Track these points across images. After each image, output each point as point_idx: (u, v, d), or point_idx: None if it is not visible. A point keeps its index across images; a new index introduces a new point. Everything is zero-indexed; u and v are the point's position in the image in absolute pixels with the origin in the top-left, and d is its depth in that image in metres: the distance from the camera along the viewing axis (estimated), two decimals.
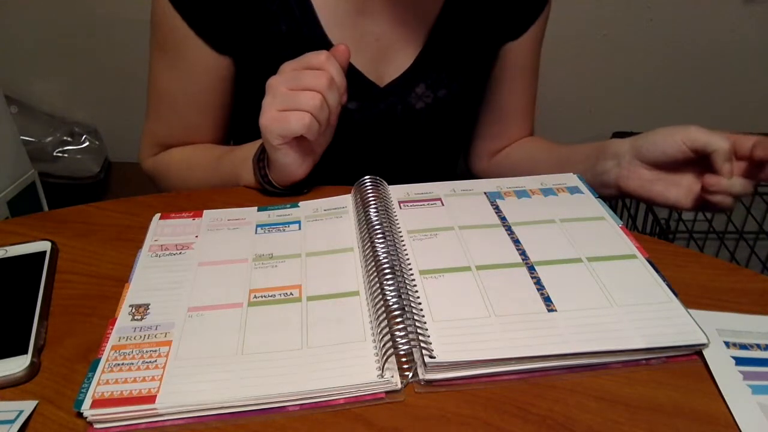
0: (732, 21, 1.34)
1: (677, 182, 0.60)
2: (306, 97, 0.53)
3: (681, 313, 0.44)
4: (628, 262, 0.49)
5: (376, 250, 0.48)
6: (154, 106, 0.71)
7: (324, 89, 0.53)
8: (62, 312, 0.46)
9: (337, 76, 0.55)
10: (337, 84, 0.55)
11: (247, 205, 0.58)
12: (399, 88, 0.68)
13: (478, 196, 0.58)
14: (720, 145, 0.55)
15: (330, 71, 0.54)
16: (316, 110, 0.53)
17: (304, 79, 0.54)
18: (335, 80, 0.54)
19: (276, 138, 0.54)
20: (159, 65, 0.68)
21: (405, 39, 0.67)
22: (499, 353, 0.40)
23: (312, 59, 0.55)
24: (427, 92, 0.69)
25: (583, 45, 1.37)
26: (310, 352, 0.41)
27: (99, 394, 0.38)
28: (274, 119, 0.54)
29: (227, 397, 0.38)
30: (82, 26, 1.44)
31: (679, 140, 0.57)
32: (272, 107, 0.54)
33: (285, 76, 0.54)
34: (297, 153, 0.57)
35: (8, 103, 1.22)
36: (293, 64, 0.55)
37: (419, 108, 0.70)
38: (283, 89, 0.54)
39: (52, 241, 0.52)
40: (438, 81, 0.69)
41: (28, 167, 1.25)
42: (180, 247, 0.52)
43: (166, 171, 0.72)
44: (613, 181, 0.63)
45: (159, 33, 0.65)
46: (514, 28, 0.72)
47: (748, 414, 0.38)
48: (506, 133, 0.81)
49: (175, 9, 0.62)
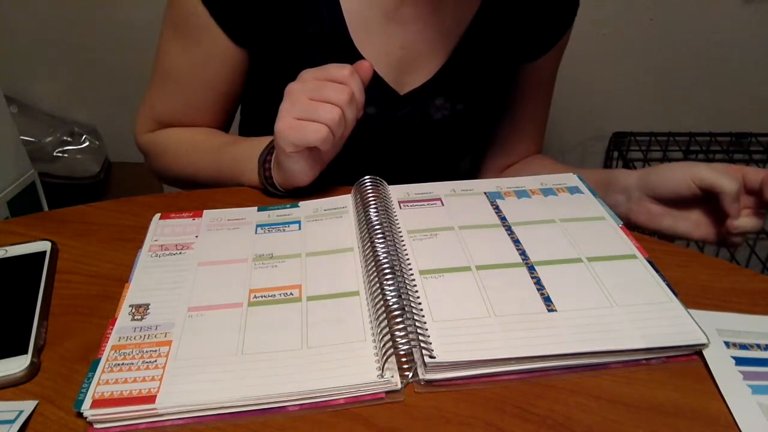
0: (732, 21, 1.34)
1: (686, 216, 0.61)
2: (325, 110, 0.52)
3: (681, 313, 0.44)
4: (628, 262, 0.49)
5: (376, 250, 0.48)
6: (160, 80, 0.69)
7: (344, 104, 0.53)
8: (62, 312, 0.46)
9: (358, 92, 0.54)
10: (357, 100, 0.54)
11: (247, 205, 0.58)
12: (418, 97, 0.68)
13: (478, 196, 0.58)
14: (727, 186, 0.55)
15: (352, 87, 0.54)
16: (334, 124, 0.53)
17: (325, 91, 0.53)
18: (356, 96, 0.54)
19: (290, 146, 0.54)
20: (171, 45, 0.66)
21: (430, 50, 0.67)
22: (499, 353, 0.40)
23: (336, 72, 0.54)
24: (446, 104, 0.69)
25: (583, 45, 1.37)
26: (310, 352, 0.41)
27: (99, 394, 0.38)
28: (290, 127, 0.53)
29: (227, 397, 0.38)
30: (82, 26, 1.44)
31: (687, 179, 0.58)
32: (290, 114, 0.53)
33: (306, 85, 0.54)
34: (307, 161, 0.56)
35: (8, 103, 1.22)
36: (316, 73, 0.54)
37: (436, 119, 0.70)
38: (304, 98, 0.53)
39: (52, 241, 0.52)
40: (457, 94, 0.69)
41: (28, 167, 1.25)
42: (180, 247, 0.52)
43: (163, 149, 0.71)
44: (623, 214, 0.63)
45: (177, 14, 0.64)
46: (536, 49, 0.73)
47: (748, 414, 0.38)
48: (516, 150, 0.82)
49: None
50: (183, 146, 0.69)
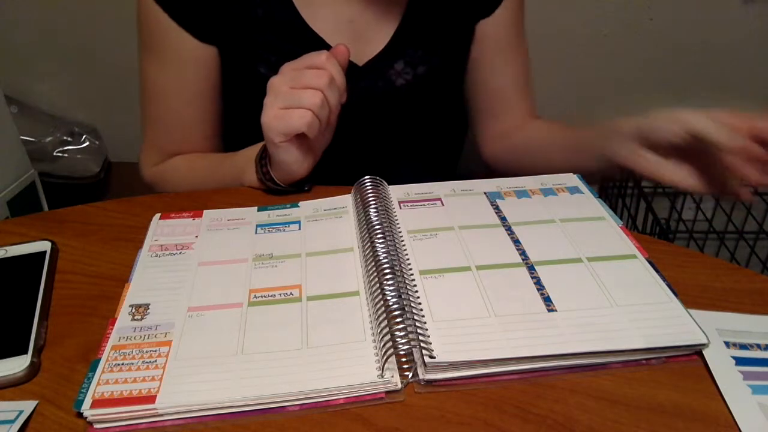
0: (732, 21, 1.34)
1: (686, 165, 0.57)
2: (307, 95, 0.54)
3: (681, 313, 0.44)
4: (628, 262, 0.49)
5: (376, 250, 0.48)
6: (150, 111, 0.71)
7: (325, 87, 0.54)
8: (62, 312, 0.46)
9: (338, 75, 0.56)
10: (337, 83, 0.56)
11: (247, 205, 0.58)
12: (377, 65, 0.69)
13: (478, 196, 0.58)
14: (718, 139, 0.51)
15: (330, 70, 0.55)
16: (317, 108, 0.54)
17: (305, 78, 0.54)
18: (336, 79, 0.55)
19: (278, 135, 0.55)
20: (149, 66, 0.69)
21: (379, 19, 0.68)
22: (499, 353, 0.40)
23: (313, 59, 0.55)
24: (406, 69, 0.70)
25: (583, 45, 1.37)
26: (310, 352, 0.41)
27: (99, 394, 0.38)
28: (276, 117, 0.54)
29: (227, 397, 0.38)
30: (82, 26, 1.44)
31: (678, 129, 0.54)
32: (274, 105, 0.55)
33: (286, 76, 0.55)
34: (298, 151, 0.57)
35: (8, 103, 1.22)
36: (294, 64, 0.56)
37: (399, 85, 0.70)
38: (285, 88, 0.54)
39: (52, 241, 0.52)
40: (416, 58, 0.70)
41: (28, 167, 1.25)
42: (180, 247, 0.52)
43: (170, 176, 0.73)
44: (622, 162, 0.60)
45: (144, 31, 0.67)
46: (486, 5, 0.73)
47: (748, 414, 0.38)
48: (504, 114, 0.79)
49: (156, 2, 0.63)
50: (185, 167, 0.71)
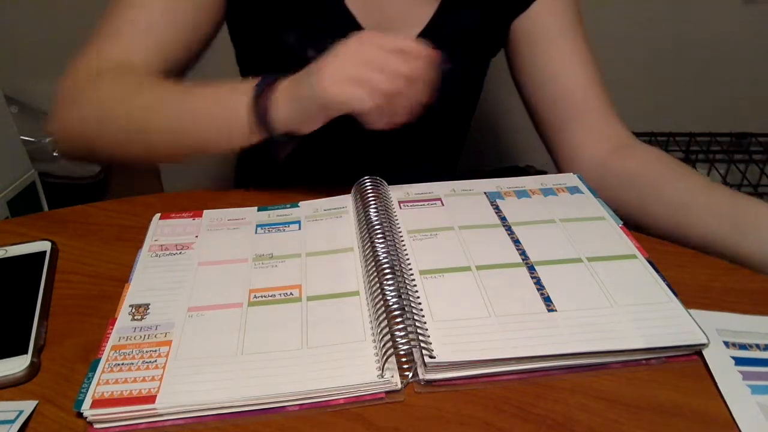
0: (732, 21, 1.34)
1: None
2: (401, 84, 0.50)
3: (681, 313, 0.44)
4: (628, 262, 0.49)
5: (376, 250, 0.48)
6: (118, 18, 0.63)
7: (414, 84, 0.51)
8: (62, 312, 0.46)
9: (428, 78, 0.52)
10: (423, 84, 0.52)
11: (247, 205, 0.58)
12: None
13: (478, 196, 0.58)
14: None
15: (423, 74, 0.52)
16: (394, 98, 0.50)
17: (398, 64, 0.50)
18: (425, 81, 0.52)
19: (349, 102, 0.49)
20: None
21: (411, 10, 0.67)
22: (499, 353, 0.40)
23: (411, 45, 0.51)
24: None
25: None
26: (310, 352, 0.41)
27: (99, 394, 0.38)
28: (358, 83, 0.49)
29: (227, 397, 0.38)
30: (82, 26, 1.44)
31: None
32: (367, 69, 0.49)
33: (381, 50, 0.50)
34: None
35: (8, 103, 1.22)
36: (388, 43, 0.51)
37: None
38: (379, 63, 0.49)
39: (52, 241, 0.52)
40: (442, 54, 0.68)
41: (28, 167, 1.25)
42: (180, 247, 0.52)
43: (106, 87, 0.58)
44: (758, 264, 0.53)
45: None
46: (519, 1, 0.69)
47: (748, 414, 0.38)
48: (576, 122, 0.70)
49: None
50: (129, 83, 0.58)
